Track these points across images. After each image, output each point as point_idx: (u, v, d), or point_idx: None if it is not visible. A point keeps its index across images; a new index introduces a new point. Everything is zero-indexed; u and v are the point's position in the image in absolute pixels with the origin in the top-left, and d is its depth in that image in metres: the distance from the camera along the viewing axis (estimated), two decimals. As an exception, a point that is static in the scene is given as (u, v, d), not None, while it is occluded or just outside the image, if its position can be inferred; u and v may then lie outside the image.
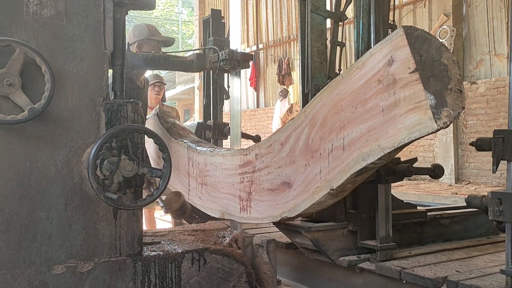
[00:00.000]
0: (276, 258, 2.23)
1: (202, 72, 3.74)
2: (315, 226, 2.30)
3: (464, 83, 8.82)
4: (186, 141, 2.87)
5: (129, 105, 1.85)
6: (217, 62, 2.67)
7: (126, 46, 1.98)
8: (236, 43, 3.04)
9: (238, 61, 2.60)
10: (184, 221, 3.14)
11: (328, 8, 2.73)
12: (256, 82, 14.47)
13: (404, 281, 2.11)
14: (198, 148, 2.73)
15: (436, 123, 1.53)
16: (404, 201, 2.71)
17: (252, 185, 2.30)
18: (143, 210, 2.18)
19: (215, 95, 3.67)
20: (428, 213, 2.69)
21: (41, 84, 1.67)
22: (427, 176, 8.90)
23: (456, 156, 8.54)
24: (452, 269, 2.12)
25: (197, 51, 2.97)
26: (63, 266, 1.74)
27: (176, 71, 14.21)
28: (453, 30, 8.79)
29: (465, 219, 2.77)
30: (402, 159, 2.36)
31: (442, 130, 1.79)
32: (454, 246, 2.57)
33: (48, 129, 1.72)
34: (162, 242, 2.15)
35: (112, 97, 1.91)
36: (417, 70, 1.56)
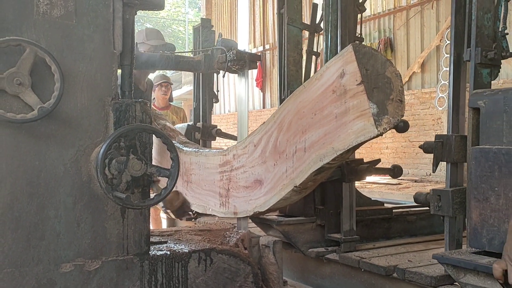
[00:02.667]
0: (282, 258, 2.24)
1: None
2: (285, 220, 2.55)
3: (471, 85, 8.79)
4: (174, 142, 3.06)
5: (138, 105, 1.86)
6: (225, 62, 2.68)
7: (135, 46, 1.99)
8: (244, 44, 3.07)
9: (245, 62, 2.61)
10: (172, 215, 3.22)
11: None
12: (262, 82, 14.48)
13: (362, 270, 2.38)
14: (184, 148, 2.94)
15: (377, 129, 1.71)
16: (372, 199, 3.03)
17: (230, 182, 2.51)
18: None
19: (205, 98, 3.94)
20: (395, 210, 2.96)
21: (50, 83, 1.68)
22: (435, 178, 8.87)
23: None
24: (406, 259, 2.36)
25: (205, 52, 2.98)
26: (71, 264, 1.75)
27: (182, 71, 14.25)
28: (461, 32, 8.76)
29: (431, 216, 2.88)
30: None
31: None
32: (417, 240, 2.80)
33: (57, 128, 1.74)
34: (169, 241, 2.16)
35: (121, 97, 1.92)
36: (363, 83, 1.74)
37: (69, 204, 1.76)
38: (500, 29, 2.13)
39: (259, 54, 13.59)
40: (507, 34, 2.14)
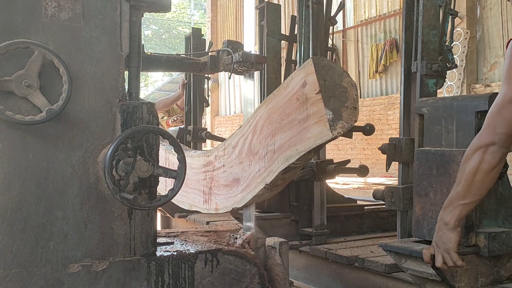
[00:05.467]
0: (288, 259, 2.24)
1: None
2: (262, 215, 2.80)
3: (477, 85, 8.75)
4: (165, 144, 3.22)
5: (144, 107, 1.87)
6: (230, 64, 2.68)
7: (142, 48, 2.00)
8: (249, 45, 3.12)
9: (251, 63, 2.61)
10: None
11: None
12: (267, 84, 14.41)
13: (330, 260, 2.67)
14: (173, 150, 3.03)
15: (332, 133, 1.88)
16: (345, 197, 3.30)
17: (212, 181, 2.72)
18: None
19: (195, 103, 4.23)
20: (366, 207, 3.23)
21: (58, 85, 1.70)
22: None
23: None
24: (369, 250, 2.59)
25: (211, 53, 2.98)
26: (78, 265, 1.76)
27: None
28: (467, 33, 8.72)
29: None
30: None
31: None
32: (387, 235, 3.03)
33: (65, 130, 1.75)
34: (176, 242, 2.17)
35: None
36: (321, 92, 1.91)
37: (77, 205, 1.77)
38: (447, 43, 2.39)
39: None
40: (452, 48, 2.40)
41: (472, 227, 1.91)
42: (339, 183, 8.83)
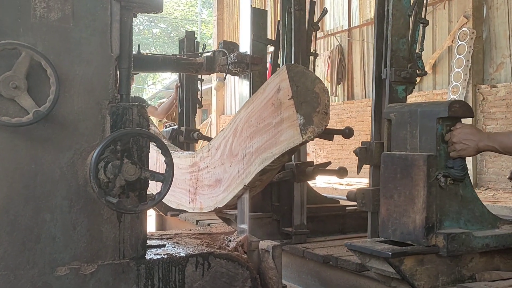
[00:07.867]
0: (281, 263, 2.22)
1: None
2: None
3: (483, 86, 8.66)
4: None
5: (135, 108, 1.85)
6: (226, 65, 2.66)
7: (133, 49, 1.98)
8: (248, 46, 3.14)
9: (246, 64, 2.59)
10: None
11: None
12: (273, 83, 14.39)
13: (307, 258, 2.77)
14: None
15: (302, 137, 1.93)
16: (328, 197, 3.40)
17: (197, 181, 2.81)
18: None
19: (188, 104, 4.35)
20: (348, 208, 3.32)
21: (47, 87, 1.68)
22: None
23: (474, 161, 8.39)
24: (344, 249, 2.57)
25: (207, 54, 2.97)
26: (66, 267, 1.74)
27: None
28: (473, 32, 8.64)
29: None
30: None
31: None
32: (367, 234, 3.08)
33: (54, 132, 1.73)
34: (167, 245, 2.15)
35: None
36: (293, 97, 1.96)
37: (65, 208, 1.75)
38: (417, 51, 2.47)
39: (270, 53, 13.50)
40: (421, 55, 2.50)
41: (433, 228, 1.97)
42: (342, 184, 8.79)
